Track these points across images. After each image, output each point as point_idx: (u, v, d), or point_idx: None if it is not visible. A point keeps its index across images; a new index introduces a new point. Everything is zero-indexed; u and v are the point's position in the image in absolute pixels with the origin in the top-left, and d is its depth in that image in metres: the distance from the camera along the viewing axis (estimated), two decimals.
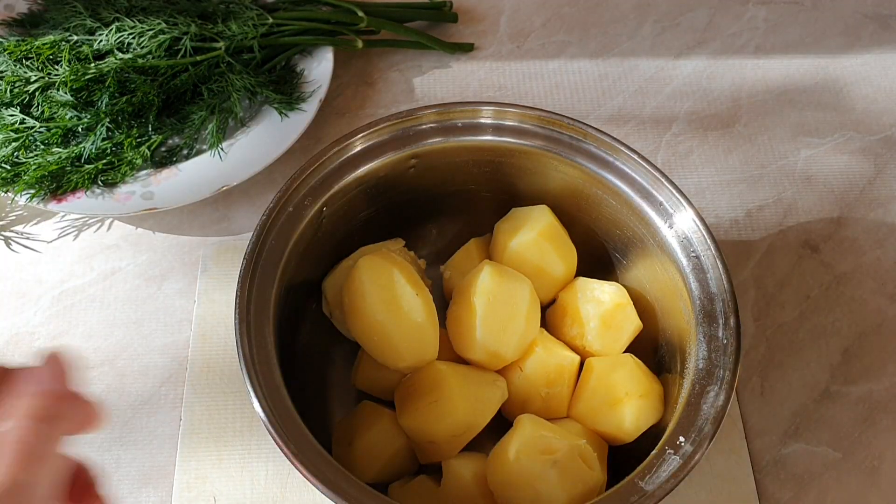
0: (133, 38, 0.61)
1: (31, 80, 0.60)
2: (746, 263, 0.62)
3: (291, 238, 0.47)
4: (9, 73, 0.60)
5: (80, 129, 0.61)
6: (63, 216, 0.64)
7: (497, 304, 0.48)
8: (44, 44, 0.60)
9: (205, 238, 0.63)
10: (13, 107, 0.60)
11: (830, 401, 0.56)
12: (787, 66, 0.74)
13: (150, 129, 0.63)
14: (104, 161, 0.60)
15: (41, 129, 0.60)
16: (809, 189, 0.67)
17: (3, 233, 0.63)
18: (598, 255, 0.55)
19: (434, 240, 0.59)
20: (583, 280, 0.53)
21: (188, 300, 0.60)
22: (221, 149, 0.62)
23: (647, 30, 0.77)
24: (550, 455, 0.44)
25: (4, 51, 0.61)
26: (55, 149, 0.60)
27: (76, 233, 0.63)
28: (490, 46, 0.75)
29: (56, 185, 0.59)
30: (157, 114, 0.63)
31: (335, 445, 0.51)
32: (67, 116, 0.60)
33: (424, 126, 0.51)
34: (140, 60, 0.61)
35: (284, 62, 0.68)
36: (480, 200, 0.56)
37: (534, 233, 0.52)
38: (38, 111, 0.60)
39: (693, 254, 0.46)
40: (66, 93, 0.59)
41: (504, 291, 0.49)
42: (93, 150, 0.60)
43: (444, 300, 0.55)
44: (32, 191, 0.59)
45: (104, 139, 0.60)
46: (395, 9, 0.74)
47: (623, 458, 0.46)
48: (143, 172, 0.61)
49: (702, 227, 0.46)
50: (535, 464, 0.44)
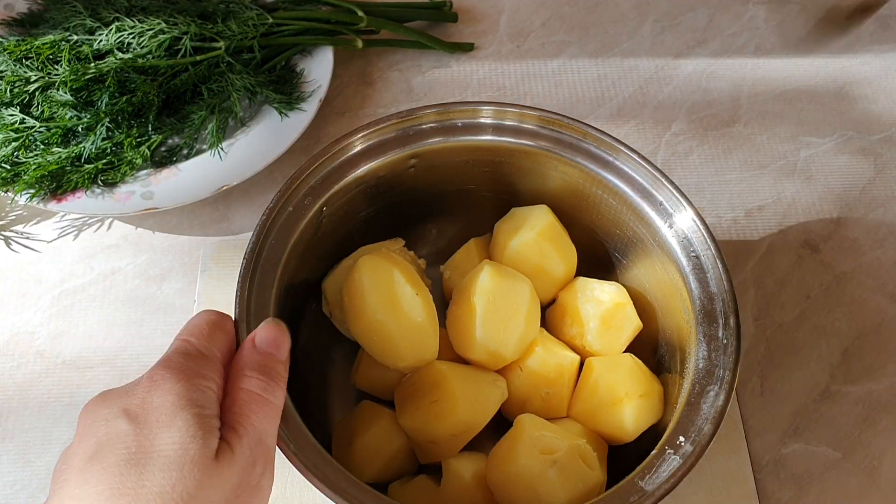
0: (133, 38, 0.61)
1: (31, 80, 0.60)
2: (746, 263, 0.62)
3: (291, 238, 0.47)
4: (9, 73, 0.60)
5: (80, 129, 0.61)
6: (63, 216, 0.64)
7: (497, 304, 0.48)
8: (44, 44, 0.60)
9: (205, 238, 0.63)
10: (13, 107, 0.60)
11: (830, 401, 0.57)
12: (787, 66, 0.74)
13: (150, 129, 0.63)
14: (104, 161, 0.60)
15: (41, 129, 0.60)
16: (809, 189, 0.67)
17: (3, 233, 0.63)
18: (598, 255, 0.55)
19: (434, 240, 0.59)
20: (583, 280, 0.53)
21: (188, 300, 0.60)
22: (221, 149, 0.62)
23: (647, 30, 0.77)
24: (550, 455, 0.44)
25: (4, 51, 0.61)
26: (55, 149, 0.60)
27: (76, 233, 0.63)
28: (490, 46, 0.75)
29: (56, 185, 0.59)
30: (157, 114, 0.63)
31: (335, 445, 0.51)
32: (67, 116, 0.60)
33: (424, 126, 0.51)
34: (140, 60, 0.61)
35: (284, 62, 0.68)
36: (480, 200, 0.56)
37: (534, 233, 0.52)
38: (38, 111, 0.60)
39: (693, 253, 0.46)
40: (66, 93, 0.59)
41: (504, 291, 0.49)
42: (93, 150, 0.60)
43: (444, 300, 0.55)
44: (32, 190, 0.59)
45: (104, 139, 0.60)
46: (395, 8, 0.74)
47: (623, 458, 0.46)
48: (143, 172, 0.61)
49: (702, 227, 0.46)
50: (535, 464, 0.44)
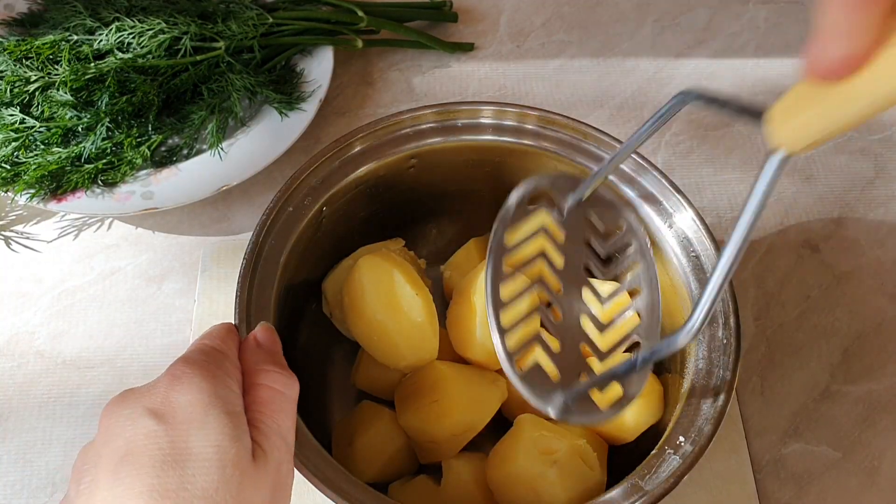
0: (133, 38, 0.61)
1: (31, 80, 0.60)
2: (746, 263, 0.62)
3: (291, 238, 0.47)
4: (9, 73, 0.60)
5: (80, 129, 0.61)
6: (63, 216, 0.64)
7: None
8: (44, 43, 0.60)
9: (205, 238, 0.63)
10: (13, 106, 0.60)
11: (830, 400, 0.56)
12: (787, 66, 0.74)
13: (150, 129, 0.63)
14: (104, 161, 0.60)
15: (41, 129, 0.60)
16: (809, 189, 0.67)
17: (3, 233, 0.63)
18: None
19: (434, 240, 0.59)
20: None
21: (188, 300, 0.60)
22: (221, 148, 0.62)
23: (647, 30, 0.77)
24: (550, 455, 0.44)
25: (4, 51, 0.61)
26: (55, 148, 0.60)
27: (76, 232, 0.63)
28: (490, 46, 0.75)
29: (56, 185, 0.59)
30: (157, 113, 0.63)
31: (335, 445, 0.51)
32: (67, 116, 0.60)
33: (424, 126, 0.51)
34: (140, 60, 0.61)
35: (284, 62, 0.68)
36: (480, 200, 0.56)
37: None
38: (38, 111, 0.60)
39: (693, 254, 0.46)
40: (66, 92, 0.59)
41: None
42: (93, 150, 0.60)
43: (445, 300, 0.55)
44: (32, 190, 0.59)
45: (104, 139, 0.60)
46: (395, 8, 0.74)
47: (623, 458, 0.46)
48: (143, 172, 0.61)
49: (702, 227, 0.46)
50: (535, 464, 0.44)
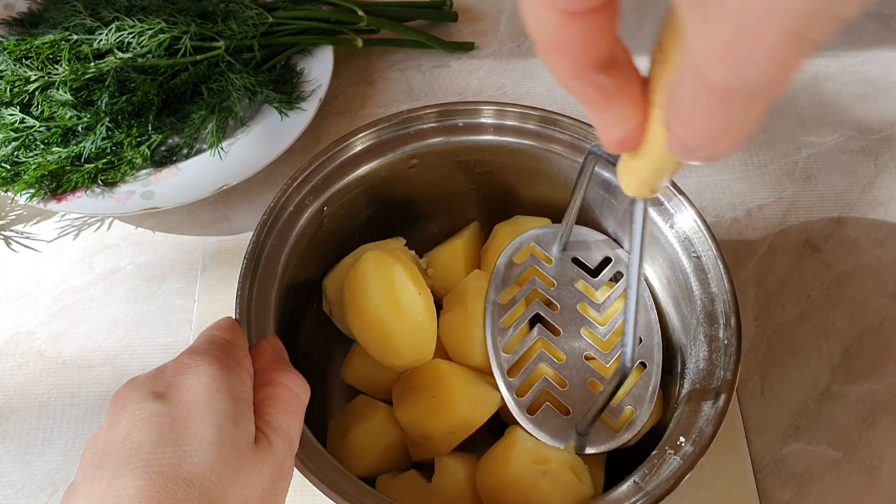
0: (133, 38, 0.61)
1: (31, 80, 0.60)
2: (747, 263, 0.62)
3: (292, 238, 0.47)
4: (9, 73, 0.60)
5: (80, 129, 0.61)
6: (63, 216, 0.64)
7: None
8: (44, 43, 0.60)
9: (205, 238, 0.63)
10: (13, 106, 0.60)
11: (831, 400, 0.56)
12: None
13: (150, 129, 0.62)
14: (104, 160, 0.60)
15: (41, 129, 0.60)
16: (810, 188, 0.67)
17: (3, 232, 0.63)
18: None
19: (434, 240, 0.59)
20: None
21: (188, 300, 0.60)
22: (221, 148, 0.62)
23: (647, 29, 0.77)
24: (542, 465, 0.44)
25: (4, 50, 0.60)
26: (55, 148, 0.60)
27: (76, 232, 0.63)
28: (490, 46, 0.75)
29: (56, 185, 0.59)
30: (157, 113, 0.63)
31: (330, 439, 0.51)
32: (67, 116, 0.60)
33: (424, 126, 0.51)
34: (140, 60, 0.61)
35: (284, 61, 0.68)
36: (481, 200, 0.56)
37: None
38: (38, 111, 0.60)
39: (694, 254, 0.46)
40: (66, 92, 0.59)
41: None
42: (93, 150, 0.60)
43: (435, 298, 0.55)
44: (32, 190, 0.59)
45: (104, 139, 0.60)
46: (395, 8, 0.73)
47: (623, 459, 0.46)
48: (143, 172, 0.61)
49: (702, 227, 0.46)
50: (528, 473, 0.44)
